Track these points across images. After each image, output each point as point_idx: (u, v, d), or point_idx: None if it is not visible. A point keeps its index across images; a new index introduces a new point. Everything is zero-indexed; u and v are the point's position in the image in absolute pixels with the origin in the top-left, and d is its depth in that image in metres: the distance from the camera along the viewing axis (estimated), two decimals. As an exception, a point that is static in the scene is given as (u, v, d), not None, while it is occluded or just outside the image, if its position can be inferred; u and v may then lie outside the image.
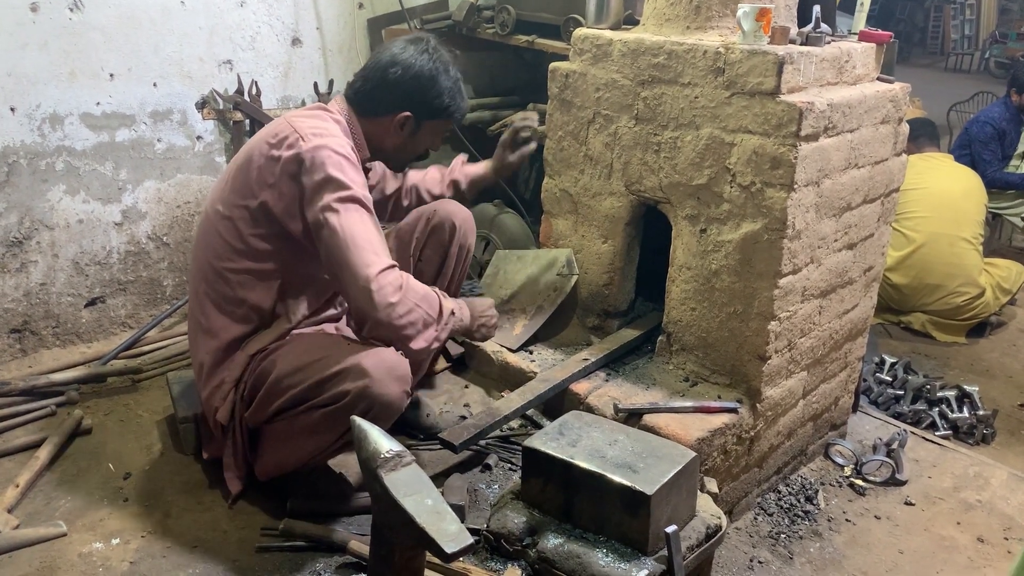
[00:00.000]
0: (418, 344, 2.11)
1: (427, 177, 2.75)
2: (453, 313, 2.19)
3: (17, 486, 2.26)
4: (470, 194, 2.81)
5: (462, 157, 2.85)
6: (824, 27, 2.46)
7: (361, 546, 2.00)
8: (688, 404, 2.39)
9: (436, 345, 2.20)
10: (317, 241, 2.09)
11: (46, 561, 2.05)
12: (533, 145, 2.76)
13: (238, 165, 2.20)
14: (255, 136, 2.25)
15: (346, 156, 2.10)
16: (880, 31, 2.61)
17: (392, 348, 2.12)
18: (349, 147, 2.15)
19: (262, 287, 2.19)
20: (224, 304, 2.20)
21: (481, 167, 2.81)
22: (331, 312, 2.37)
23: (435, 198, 2.73)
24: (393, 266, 2.06)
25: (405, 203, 2.71)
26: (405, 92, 2.24)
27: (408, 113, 2.26)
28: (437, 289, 2.21)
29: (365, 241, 2.04)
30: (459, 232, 2.63)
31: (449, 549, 1.28)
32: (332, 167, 2.06)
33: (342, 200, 2.05)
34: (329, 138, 2.11)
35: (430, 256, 2.63)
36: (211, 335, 2.21)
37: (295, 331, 2.24)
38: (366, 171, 2.33)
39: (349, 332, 2.40)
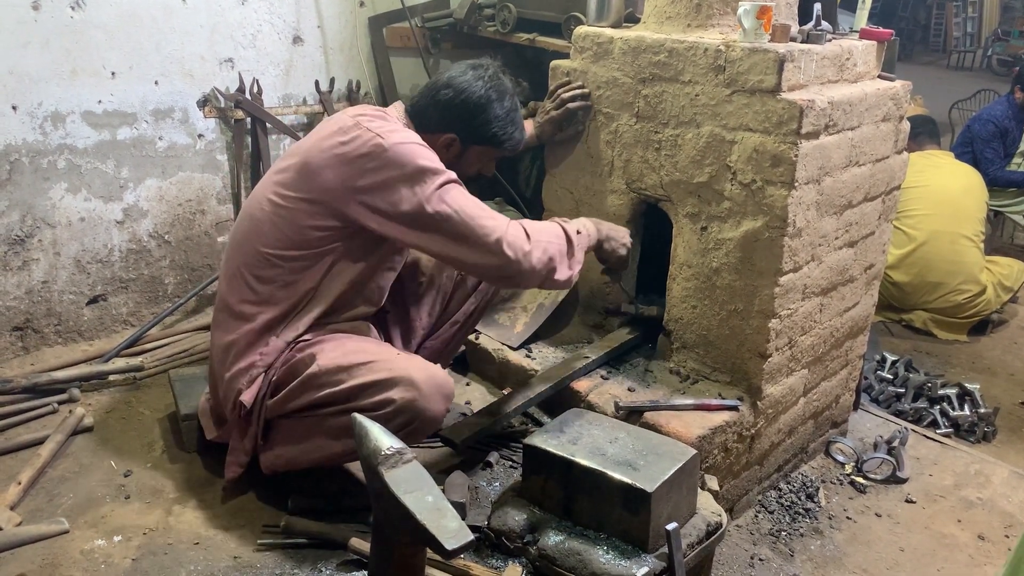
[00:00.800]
0: (563, 274, 2.24)
1: None
2: (579, 232, 2.31)
3: (19, 483, 2.26)
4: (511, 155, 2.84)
5: None
6: (825, 25, 2.46)
7: (362, 543, 2.00)
8: (689, 402, 2.40)
9: (578, 267, 2.31)
10: (419, 233, 2.11)
11: (48, 558, 2.05)
12: (587, 105, 2.72)
13: (301, 159, 2.16)
14: (319, 132, 2.21)
15: (423, 144, 2.14)
16: (881, 29, 2.60)
17: (440, 365, 2.17)
18: (420, 140, 2.17)
19: (309, 271, 2.18)
20: (265, 286, 2.18)
21: (527, 130, 2.78)
22: (363, 309, 2.34)
23: None
24: (509, 222, 2.15)
25: None
26: (452, 115, 2.27)
27: (453, 136, 2.28)
28: (557, 219, 2.30)
29: (477, 213, 2.12)
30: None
31: (449, 546, 1.29)
32: (419, 158, 2.09)
33: (440, 186, 2.10)
34: (402, 132, 2.14)
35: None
36: (244, 318, 2.19)
37: (332, 326, 2.24)
38: None
39: (374, 332, 2.41)
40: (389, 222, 2.11)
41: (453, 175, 2.14)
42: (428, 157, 2.11)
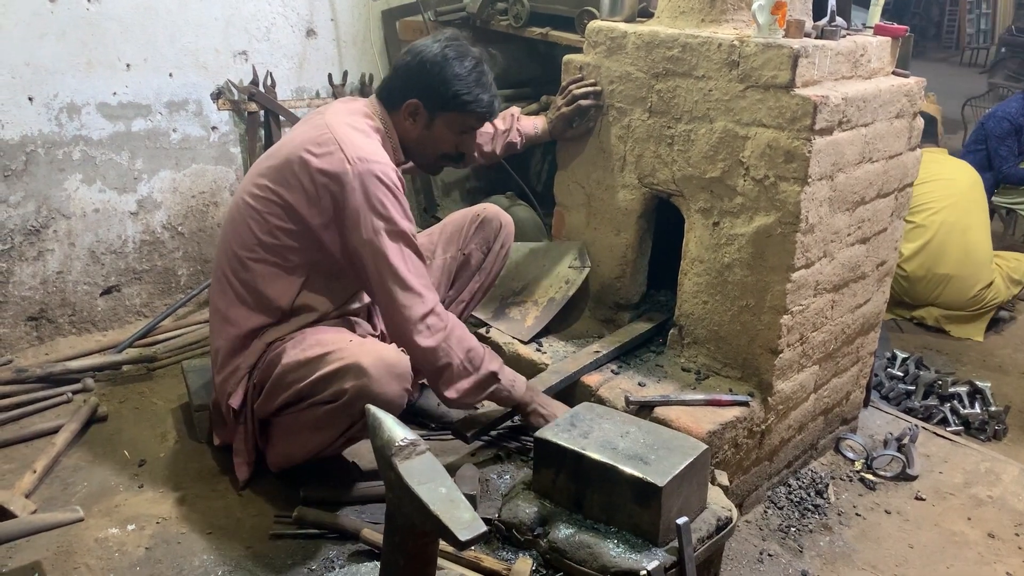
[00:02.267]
0: (449, 393, 2.20)
1: (480, 132, 2.74)
2: (498, 379, 2.24)
3: (34, 471, 2.28)
4: (523, 150, 2.86)
5: (516, 111, 2.84)
6: (839, 21, 2.45)
7: (374, 534, 2.02)
8: (699, 397, 2.40)
9: (470, 399, 2.25)
10: (361, 265, 2.13)
11: (63, 546, 2.07)
12: (598, 103, 2.72)
13: (275, 162, 2.18)
14: (295, 135, 2.22)
15: (390, 185, 2.12)
16: (895, 25, 2.60)
17: (393, 346, 2.15)
18: (392, 167, 2.15)
19: (284, 283, 2.20)
20: (246, 294, 2.21)
21: (539, 124, 2.80)
22: (354, 306, 2.37)
23: (484, 155, 2.76)
24: (434, 309, 2.14)
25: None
26: (412, 79, 2.25)
27: (416, 101, 2.25)
28: (491, 353, 2.26)
29: (411, 280, 2.12)
30: (503, 231, 2.69)
31: (463, 537, 1.29)
32: (379, 195, 2.08)
33: (390, 234, 2.10)
34: (374, 163, 2.10)
35: (475, 250, 2.66)
36: (230, 323, 2.22)
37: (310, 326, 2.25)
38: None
39: (368, 327, 2.42)
40: (340, 243, 2.14)
41: (407, 228, 2.13)
42: (386, 197, 2.09)
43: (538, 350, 2.77)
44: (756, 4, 2.27)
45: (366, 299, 2.42)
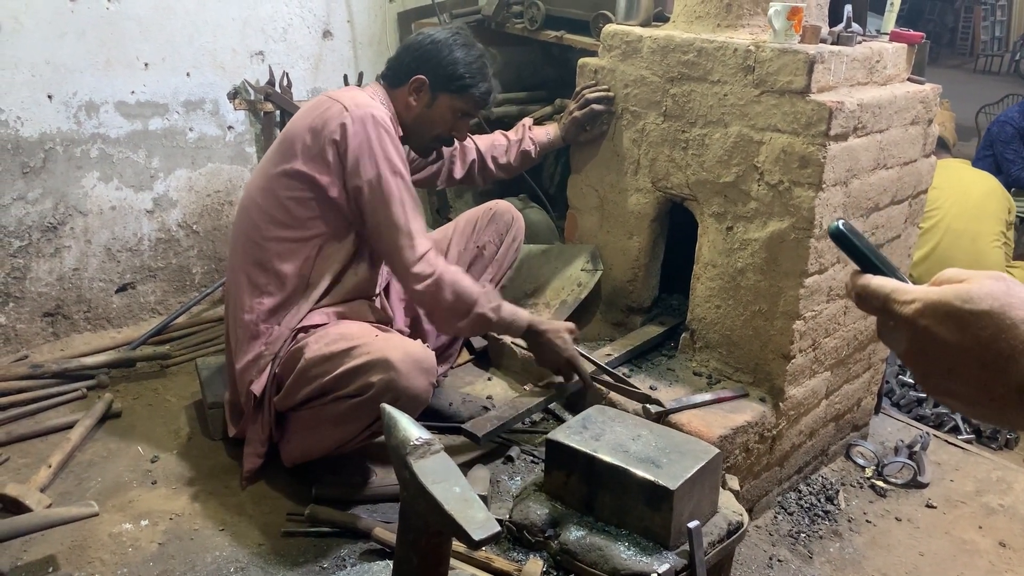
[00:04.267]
0: (445, 330, 2.36)
1: (494, 145, 2.82)
2: (490, 320, 2.32)
3: (49, 466, 2.30)
4: (538, 160, 2.91)
5: (528, 121, 2.90)
6: (855, 27, 2.45)
7: (386, 533, 2.03)
8: (708, 397, 2.41)
9: (468, 334, 2.41)
10: (360, 207, 2.22)
11: (77, 540, 2.09)
12: (610, 109, 2.75)
13: (280, 138, 2.31)
14: (299, 113, 2.33)
15: (387, 129, 2.22)
16: (912, 31, 2.60)
17: (419, 341, 2.20)
18: (388, 115, 2.27)
19: (298, 255, 2.25)
20: (260, 276, 2.25)
21: (551, 131, 2.84)
22: (362, 289, 2.41)
23: (501, 167, 2.82)
24: (424, 255, 2.22)
25: (458, 176, 2.81)
26: (420, 57, 2.35)
27: (422, 76, 2.34)
28: (488, 293, 2.34)
29: (406, 223, 2.21)
30: (515, 225, 2.76)
31: (477, 536, 1.30)
32: (376, 138, 2.19)
33: (390, 174, 2.20)
34: (371, 107, 2.22)
35: (488, 243, 2.73)
36: (246, 310, 2.25)
37: (332, 308, 2.29)
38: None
39: (376, 311, 2.46)
40: (342, 190, 2.22)
41: (403, 170, 2.23)
42: (382, 139, 2.20)
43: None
44: (772, 9, 2.28)
45: (376, 283, 2.47)
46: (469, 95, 2.37)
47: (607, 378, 2.51)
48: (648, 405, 2.37)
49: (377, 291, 2.50)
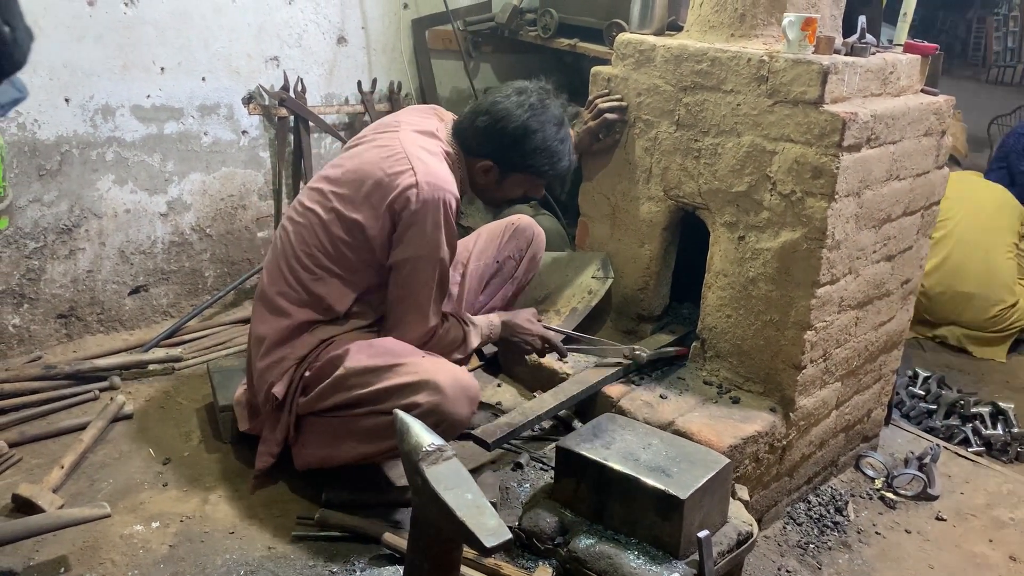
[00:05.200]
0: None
1: None
2: (480, 348, 2.46)
3: (62, 467, 2.31)
4: None
5: None
6: (869, 38, 2.45)
7: (396, 538, 2.03)
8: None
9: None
10: (392, 272, 2.22)
11: (89, 541, 2.10)
12: (623, 119, 2.75)
13: (350, 175, 2.22)
14: (369, 152, 2.24)
15: (448, 209, 2.17)
16: (926, 43, 2.59)
17: (465, 368, 2.27)
18: (454, 194, 2.19)
19: (342, 291, 2.24)
20: (302, 292, 2.24)
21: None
22: None
23: None
24: (435, 327, 2.28)
25: None
26: (489, 143, 2.28)
27: (490, 163, 2.30)
28: (469, 327, 2.39)
29: (428, 303, 2.23)
30: (535, 241, 2.76)
31: (488, 543, 1.31)
32: (432, 225, 2.15)
33: (429, 260, 2.18)
34: (439, 189, 2.14)
35: (508, 259, 2.74)
36: (282, 313, 2.24)
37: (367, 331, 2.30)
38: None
39: None
40: (388, 255, 2.20)
41: (444, 256, 2.21)
42: (438, 226, 2.16)
43: (560, 360, 2.78)
44: (786, 20, 2.28)
45: None
46: (545, 176, 2.36)
47: (582, 344, 2.63)
48: (636, 350, 2.57)
49: None
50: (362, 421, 2.14)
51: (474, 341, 2.40)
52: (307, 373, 2.20)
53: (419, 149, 2.20)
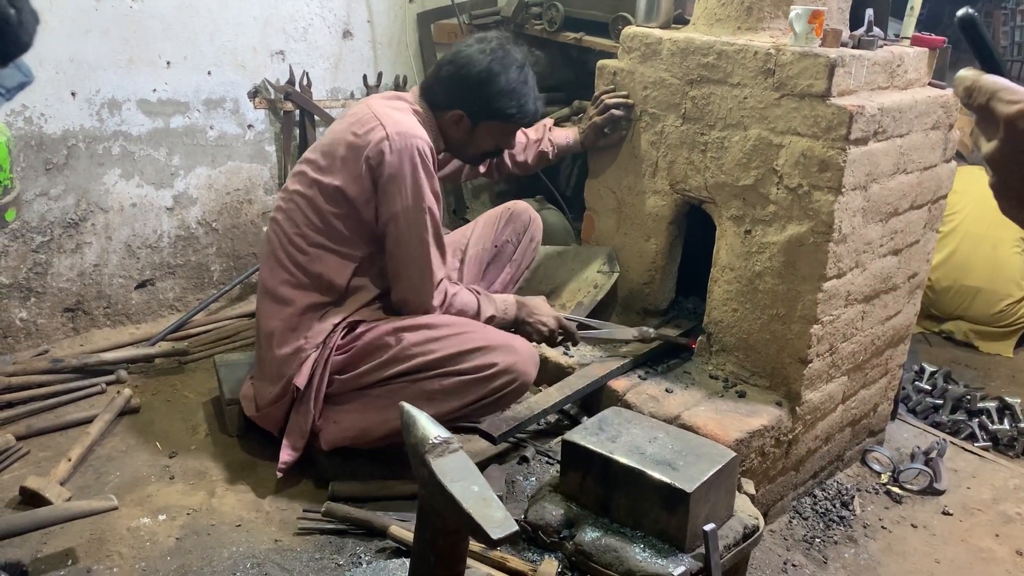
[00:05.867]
0: None
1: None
2: (493, 316, 2.42)
3: (69, 460, 2.32)
4: (555, 161, 2.91)
5: (548, 122, 2.90)
6: (876, 31, 2.44)
7: (402, 531, 2.04)
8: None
9: None
10: (386, 233, 2.24)
11: (96, 533, 2.11)
12: (628, 116, 2.76)
13: (323, 148, 2.29)
14: (338, 124, 2.32)
15: (424, 157, 2.19)
16: (934, 36, 2.58)
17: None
18: (428, 142, 2.23)
19: (340, 264, 2.27)
20: (301, 275, 2.27)
21: (570, 135, 2.84)
22: None
23: (517, 164, 2.82)
24: (442, 280, 2.31)
25: (482, 169, 2.81)
26: (456, 91, 2.31)
27: (460, 112, 2.31)
28: (483, 295, 2.39)
29: (426, 254, 2.24)
30: (532, 224, 2.80)
31: (495, 535, 1.30)
32: (410, 173, 2.17)
33: (420, 207, 2.20)
34: (411, 137, 2.19)
35: (506, 243, 2.77)
36: (285, 302, 2.27)
37: (380, 307, 2.35)
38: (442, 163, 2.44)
39: None
40: (375, 215, 2.23)
41: (431, 205, 2.23)
42: (417, 170, 2.18)
43: (565, 353, 2.78)
44: (793, 13, 2.27)
45: None
46: (514, 121, 2.38)
47: (593, 329, 2.64)
48: (644, 328, 2.62)
49: None
50: (425, 385, 2.20)
51: (487, 310, 2.41)
52: (339, 357, 2.23)
53: (386, 108, 2.26)
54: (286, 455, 2.28)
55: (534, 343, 2.48)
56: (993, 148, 0.73)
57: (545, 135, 2.81)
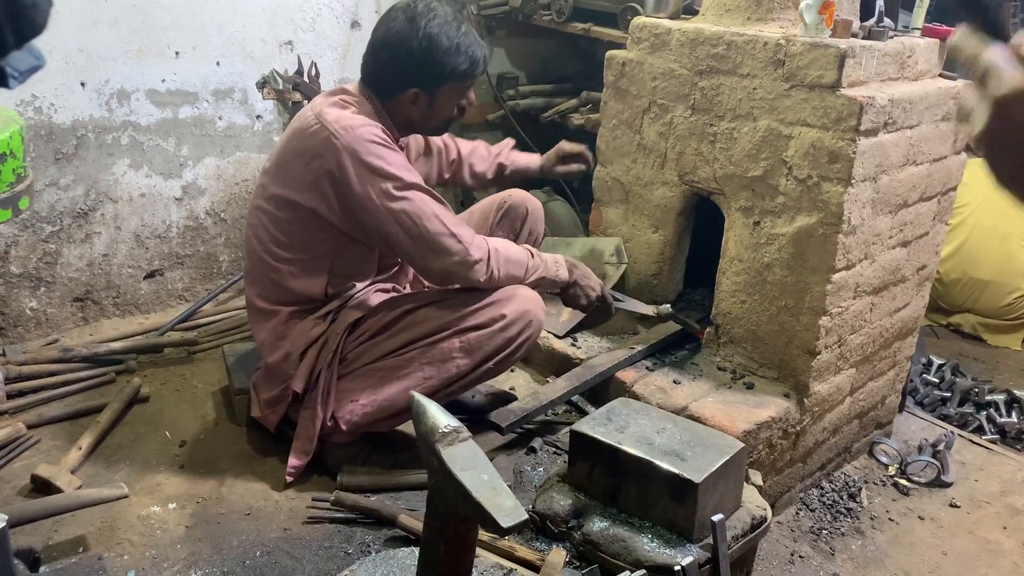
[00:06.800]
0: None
1: (474, 152, 2.80)
2: (544, 278, 2.36)
3: (80, 448, 2.34)
4: (511, 181, 2.86)
5: (510, 142, 2.90)
6: (887, 21, 2.43)
7: (411, 520, 2.05)
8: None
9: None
10: (384, 231, 2.15)
11: (107, 521, 2.12)
12: (583, 168, 2.88)
13: (275, 158, 2.26)
14: (288, 132, 2.28)
15: (380, 142, 2.12)
16: (945, 27, 2.57)
17: None
18: (376, 125, 2.16)
19: (311, 278, 2.26)
20: (276, 291, 2.28)
21: (532, 160, 2.85)
22: (381, 279, 2.45)
23: (475, 175, 2.80)
24: (474, 236, 2.21)
25: (446, 176, 2.77)
26: (402, 72, 2.21)
27: (415, 90, 2.24)
28: (528, 252, 2.34)
29: (441, 222, 2.15)
30: (530, 217, 2.71)
31: (505, 524, 1.31)
32: (373, 158, 2.10)
33: (399, 189, 2.12)
34: (357, 127, 2.12)
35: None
36: (267, 315, 2.30)
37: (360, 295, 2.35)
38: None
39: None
40: (345, 218, 2.18)
41: (411, 180, 2.14)
42: (380, 156, 2.11)
43: (573, 345, 2.78)
44: (803, 3, 2.26)
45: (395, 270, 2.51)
46: (468, 74, 2.27)
47: (618, 301, 2.61)
48: (659, 306, 2.61)
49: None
50: (441, 346, 2.20)
51: (543, 259, 2.36)
52: (341, 345, 2.24)
53: (325, 108, 2.18)
54: (295, 460, 2.29)
55: (579, 307, 2.48)
56: (982, 127, 0.73)
57: (504, 151, 2.83)
